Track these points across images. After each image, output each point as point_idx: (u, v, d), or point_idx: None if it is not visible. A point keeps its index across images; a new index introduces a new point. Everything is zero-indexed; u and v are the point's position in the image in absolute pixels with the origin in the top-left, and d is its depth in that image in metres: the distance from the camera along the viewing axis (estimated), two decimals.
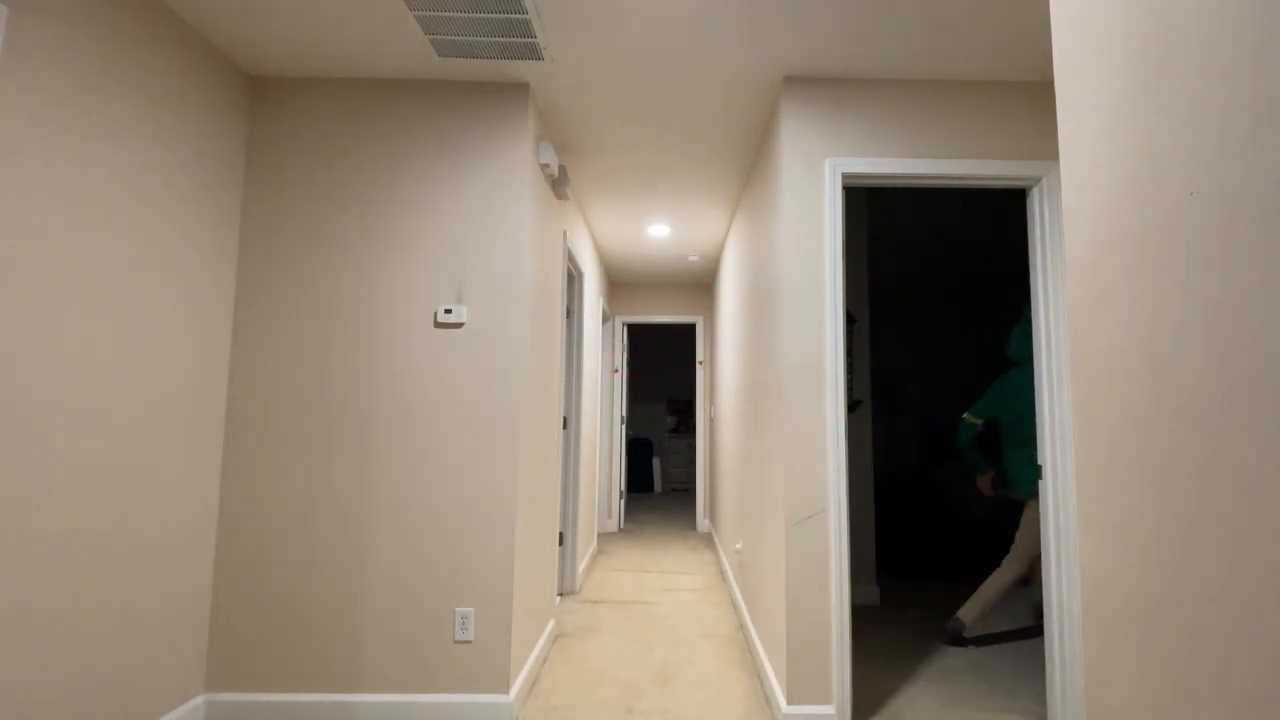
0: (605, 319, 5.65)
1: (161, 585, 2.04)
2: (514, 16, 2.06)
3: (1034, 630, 3.34)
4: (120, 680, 1.88)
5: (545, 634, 2.92)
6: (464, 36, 2.17)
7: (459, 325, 2.40)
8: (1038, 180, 2.38)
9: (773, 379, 2.58)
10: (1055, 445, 2.29)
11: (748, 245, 3.46)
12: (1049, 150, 2.38)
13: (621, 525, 6.19)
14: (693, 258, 5.29)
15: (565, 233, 3.33)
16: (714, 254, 5.19)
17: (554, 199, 3.07)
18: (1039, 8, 2.01)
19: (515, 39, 2.18)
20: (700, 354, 6.19)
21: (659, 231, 4.54)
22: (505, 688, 2.27)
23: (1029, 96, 2.41)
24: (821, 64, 2.34)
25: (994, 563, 4.43)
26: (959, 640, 3.08)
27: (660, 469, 9.21)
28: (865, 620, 3.47)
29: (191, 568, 2.18)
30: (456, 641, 2.27)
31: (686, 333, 9.61)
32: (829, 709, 2.20)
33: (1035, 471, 2.92)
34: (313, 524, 2.31)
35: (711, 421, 5.91)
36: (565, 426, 3.93)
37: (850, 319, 3.83)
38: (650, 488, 9.10)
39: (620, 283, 6.31)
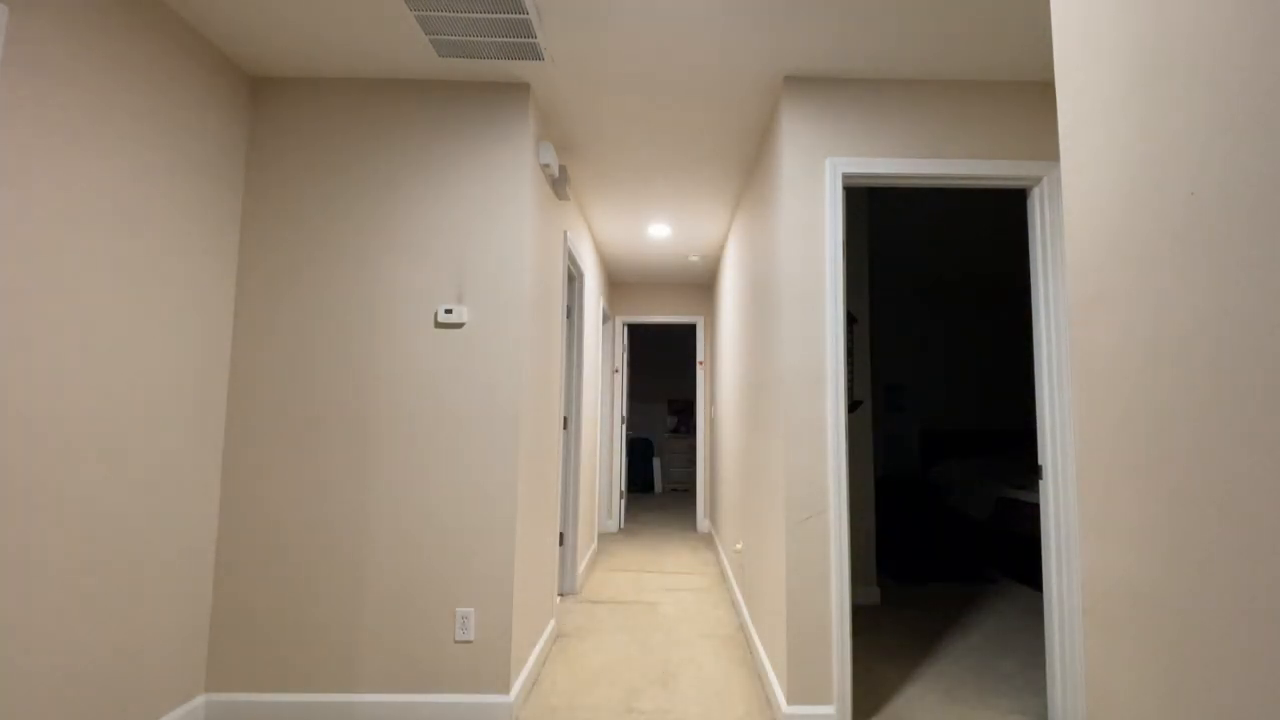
0: (605, 319, 5.65)
1: (162, 585, 2.04)
2: (514, 16, 2.06)
3: None
4: (120, 680, 1.88)
5: (546, 634, 2.92)
6: (464, 36, 2.17)
7: (459, 325, 2.40)
8: (1038, 180, 2.38)
9: (773, 379, 2.58)
10: (1055, 445, 2.29)
11: (748, 245, 3.46)
12: (1049, 150, 2.38)
13: (622, 525, 6.18)
14: (693, 258, 5.29)
15: (565, 233, 3.33)
16: (714, 254, 5.18)
17: (554, 199, 3.07)
18: (1039, 7, 2.01)
19: (515, 39, 2.18)
20: (700, 354, 6.19)
21: (659, 231, 4.54)
22: (506, 688, 2.27)
23: (1029, 96, 2.41)
24: (822, 64, 2.34)
25: (992, 562, 4.43)
26: None
27: (660, 469, 9.21)
28: (865, 620, 3.47)
29: (192, 567, 2.18)
30: (457, 641, 2.27)
31: (686, 333, 9.60)
32: (829, 709, 2.20)
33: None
34: (313, 524, 2.31)
35: (711, 422, 5.91)
36: (565, 426, 3.93)
37: (850, 319, 3.83)
38: (650, 488, 9.10)
39: (620, 283, 6.31)
